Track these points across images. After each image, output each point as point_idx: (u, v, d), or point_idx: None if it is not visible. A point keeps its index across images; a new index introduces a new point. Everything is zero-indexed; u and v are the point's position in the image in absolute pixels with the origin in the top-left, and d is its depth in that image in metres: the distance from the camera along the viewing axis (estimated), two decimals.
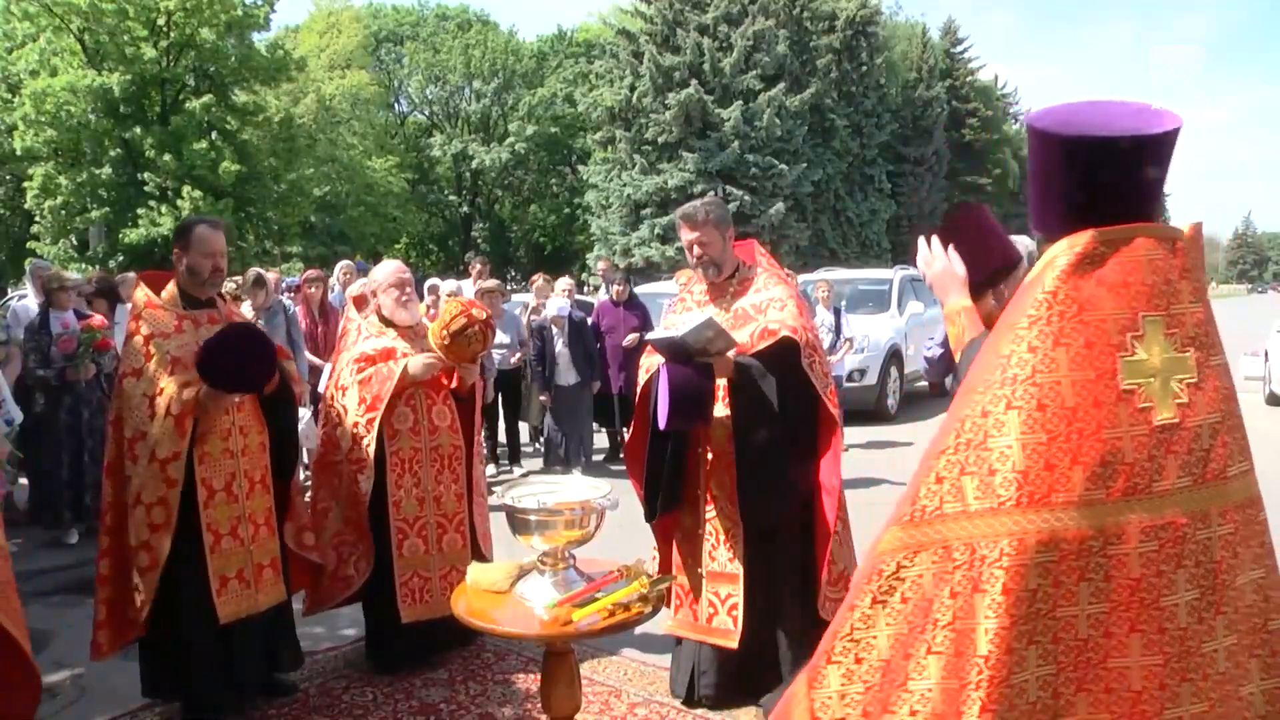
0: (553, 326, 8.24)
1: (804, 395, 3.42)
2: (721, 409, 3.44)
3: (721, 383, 3.40)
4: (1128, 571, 1.49)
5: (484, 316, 4.01)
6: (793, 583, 3.51)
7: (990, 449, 1.54)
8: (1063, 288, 1.56)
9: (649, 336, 3.93)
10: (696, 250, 3.58)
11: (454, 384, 4.11)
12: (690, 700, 3.62)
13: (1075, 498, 1.49)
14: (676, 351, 3.33)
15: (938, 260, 2.06)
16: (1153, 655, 1.51)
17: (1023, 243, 3.62)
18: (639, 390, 3.77)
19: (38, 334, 6.15)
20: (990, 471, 1.53)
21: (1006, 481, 1.51)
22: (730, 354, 3.36)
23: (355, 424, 3.91)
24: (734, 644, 3.47)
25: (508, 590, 2.85)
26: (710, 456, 3.52)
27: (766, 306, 3.51)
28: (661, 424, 3.33)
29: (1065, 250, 1.58)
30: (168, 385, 3.41)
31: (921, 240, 2.12)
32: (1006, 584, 1.48)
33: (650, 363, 3.67)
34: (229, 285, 7.39)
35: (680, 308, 3.85)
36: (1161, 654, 1.50)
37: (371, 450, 3.87)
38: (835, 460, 3.48)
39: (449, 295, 7.25)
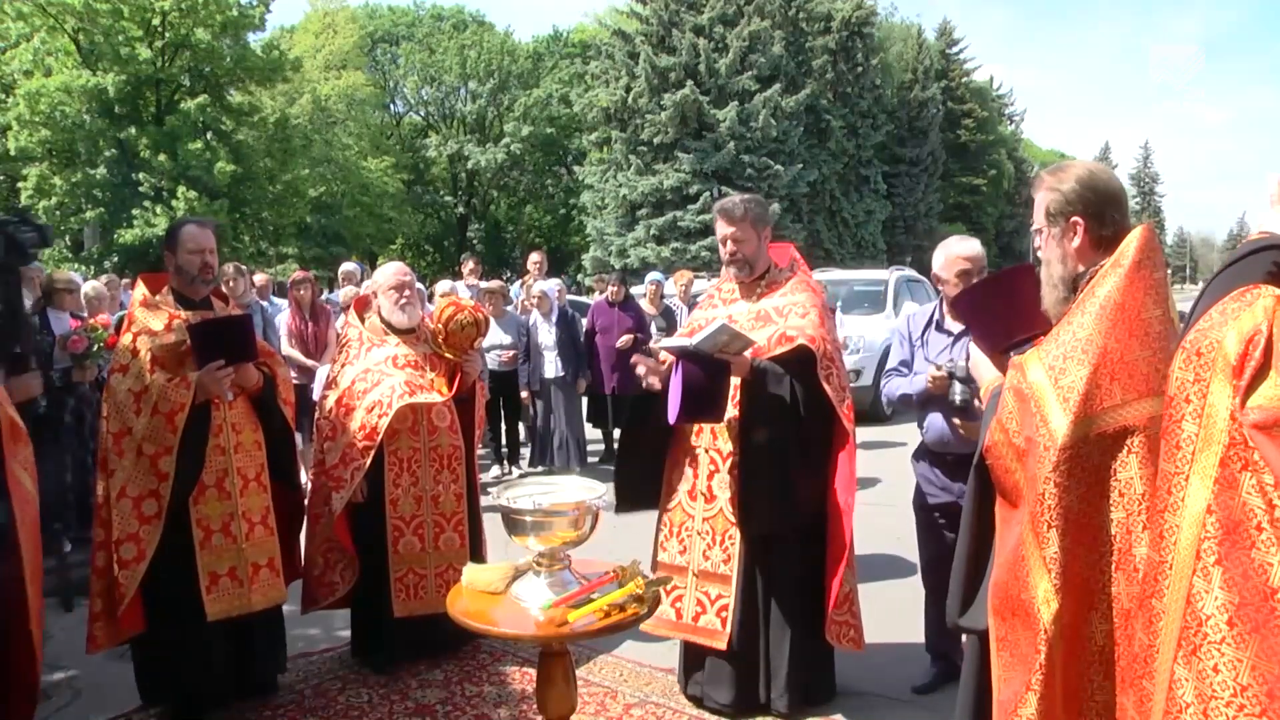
0: (536, 312, 8.22)
1: (818, 406, 3.38)
2: (731, 410, 3.41)
3: (735, 383, 3.37)
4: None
5: (471, 305, 4.24)
6: (795, 598, 3.47)
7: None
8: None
9: (663, 343, 3.85)
10: (730, 246, 3.54)
11: (454, 390, 4.08)
12: (692, 695, 3.64)
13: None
14: (692, 356, 3.29)
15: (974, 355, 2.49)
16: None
17: (975, 246, 3.63)
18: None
19: (39, 334, 6.07)
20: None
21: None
22: (747, 354, 3.33)
23: (351, 444, 3.88)
24: (722, 644, 3.45)
25: (503, 591, 2.84)
26: (716, 456, 3.50)
27: (789, 311, 3.48)
28: (671, 418, 3.31)
29: None
30: (154, 381, 3.43)
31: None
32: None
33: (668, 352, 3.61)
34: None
35: (708, 304, 3.81)
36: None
37: (358, 477, 3.85)
38: (850, 480, 3.43)
39: (441, 295, 7.28)
